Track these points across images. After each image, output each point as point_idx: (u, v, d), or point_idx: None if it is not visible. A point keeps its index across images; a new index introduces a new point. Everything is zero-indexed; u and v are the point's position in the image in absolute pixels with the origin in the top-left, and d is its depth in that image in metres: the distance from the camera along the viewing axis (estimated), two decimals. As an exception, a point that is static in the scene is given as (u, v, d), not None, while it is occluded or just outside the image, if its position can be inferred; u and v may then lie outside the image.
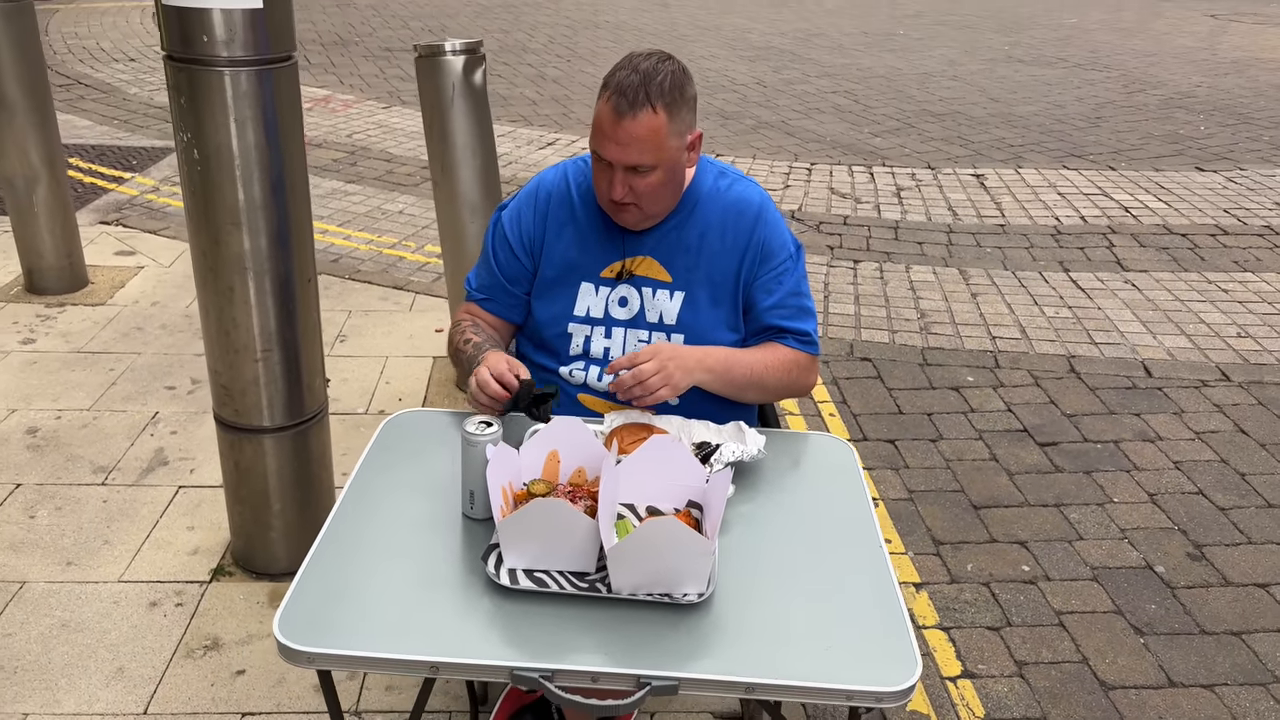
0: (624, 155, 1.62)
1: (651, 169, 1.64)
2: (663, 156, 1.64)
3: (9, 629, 2.27)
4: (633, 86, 1.59)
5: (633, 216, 1.72)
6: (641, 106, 1.59)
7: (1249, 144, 6.66)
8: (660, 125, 1.61)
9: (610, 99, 1.61)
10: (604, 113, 1.62)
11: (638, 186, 1.66)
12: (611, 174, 1.66)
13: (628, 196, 1.67)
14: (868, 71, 8.80)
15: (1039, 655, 2.37)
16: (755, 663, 1.29)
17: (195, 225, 2.13)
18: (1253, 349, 3.87)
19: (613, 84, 1.62)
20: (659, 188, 1.68)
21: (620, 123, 1.60)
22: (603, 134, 1.63)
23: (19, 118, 3.68)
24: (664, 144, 1.63)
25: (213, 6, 1.92)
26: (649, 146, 1.62)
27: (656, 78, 1.61)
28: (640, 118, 1.60)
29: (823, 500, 1.64)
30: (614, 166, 1.64)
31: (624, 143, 1.61)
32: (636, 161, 1.63)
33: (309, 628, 1.31)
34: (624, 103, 1.60)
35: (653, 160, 1.63)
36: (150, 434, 3.03)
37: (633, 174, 1.65)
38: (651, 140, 1.61)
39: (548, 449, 1.55)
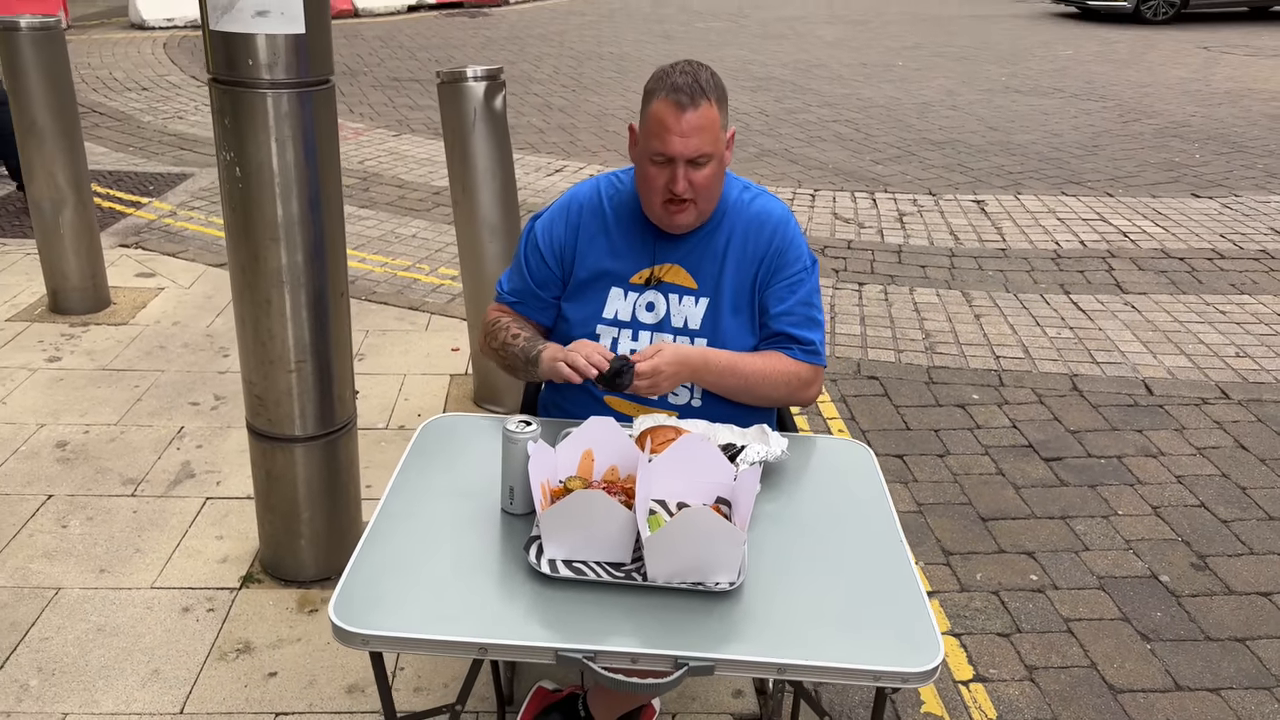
0: (687, 147, 1.74)
1: (709, 160, 1.76)
2: (718, 147, 1.77)
3: (46, 633, 2.33)
4: (688, 84, 1.73)
5: (689, 215, 1.82)
6: (700, 99, 1.73)
7: (1243, 171, 6.79)
8: (715, 117, 1.75)
9: (668, 97, 1.73)
10: (664, 111, 1.74)
11: (696, 180, 1.77)
12: (673, 170, 1.76)
13: (688, 191, 1.77)
14: (868, 101, 8.96)
15: (1048, 660, 2.43)
16: (786, 645, 1.36)
17: (235, 240, 2.21)
18: (1251, 368, 3.96)
19: (666, 86, 1.74)
20: (713, 180, 1.80)
21: (683, 115, 1.72)
22: (666, 130, 1.74)
23: (48, 143, 3.78)
24: (718, 135, 1.76)
25: (257, 32, 2.02)
26: (709, 137, 1.74)
27: (702, 75, 1.75)
28: (701, 109, 1.73)
29: (843, 498, 1.72)
30: (675, 162, 1.75)
31: (687, 134, 1.73)
32: (698, 152, 1.74)
33: (361, 612, 1.38)
34: (684, 97, 1.72)
35: (711, 150, 1.75)
36: (176, 448, 3.10)
37: (692, 168, 1.76)
38: (710, 130, 1.74)
39: (583, 448, 1.63)
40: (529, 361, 1.87)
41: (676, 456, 1.60)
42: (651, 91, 1.77)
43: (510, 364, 1.94)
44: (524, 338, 1.91)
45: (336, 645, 2.30)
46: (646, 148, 1.78)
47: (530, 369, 1.88)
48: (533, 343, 1.89)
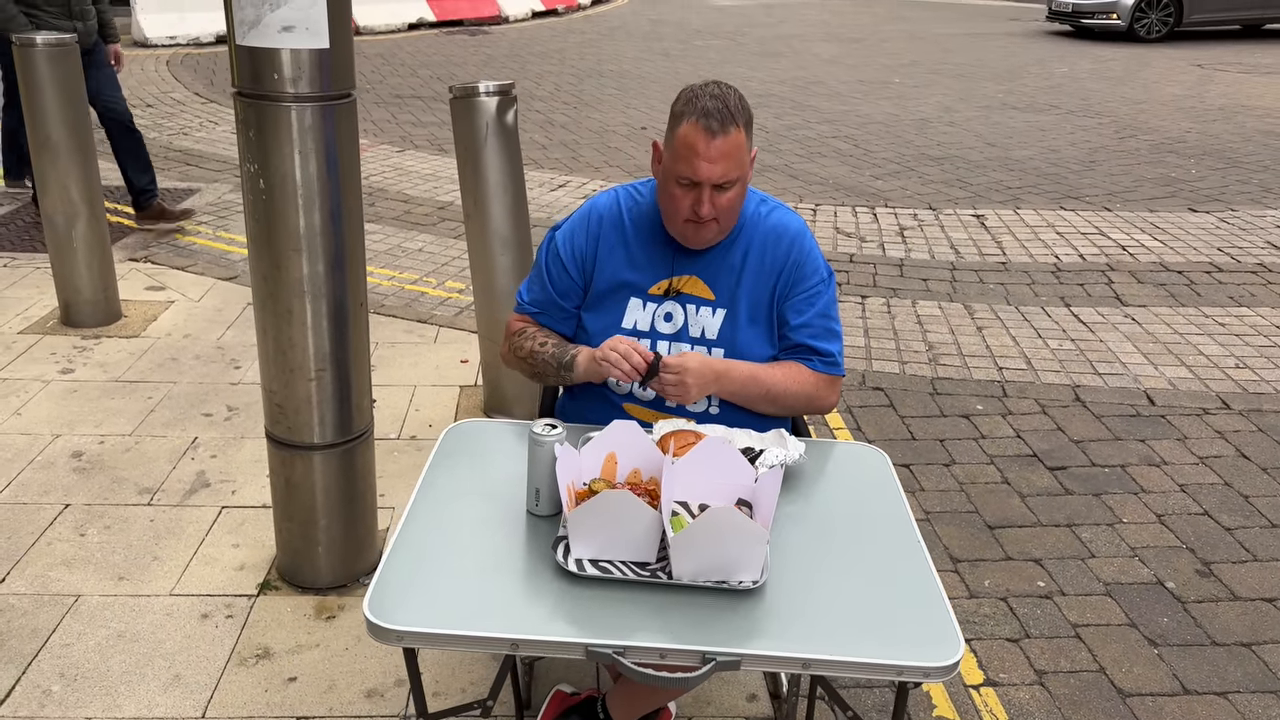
0: (714, 173, 1.77)
1: (734, 183, 1.80)
2: (743, 170, 1.81)
3: (67, 639, 2.35)
4: (718, 109, 1.75)
5: (710, 233, 1.86)
6: (729, 124, 1.76)
7: (1239, 186, 6.86)
8: (742, 141, 1.78)
9: (699, 122, 1.75)
10: (694, 136, 1.76)
11: (720, 203, 1.80)
12: (698, 193, 1.79)
13: (712, 213, 1.81)
14: (866, 118, 9.04)
15: (1058, 665, 2.47)
16: (810, 641, 1.39)
17: (258, 250, 2.25)
18: (1251, 379, 4.01)
19: (696, 110, 1.76)
20: (737, 201, 1.84)
21: (713, 142, 1.75)
22: (695, 155, 1.76)
23: (62, 157, 3.83)
24: (744, 159, 1.80)
25: (282, 47, 2.06)
26: (735, 162, 1.78)
27: (730, 99, 1.78)
28: (730, 135, 1.76)
29: (861, 499, 1.76)
30: (702, 186, 1.78)
31: (715, 160, 1.76)
32: (725, 177, 1.77)
33: (394, 610, 1.41)
34: (714, 123, 1.75)
35: (737, 174, 1.79)
36: (191, 458, 3.13)
37: (717, 191, 1.79)
38: (737, 155, 1.78)
39: (606, 451, 1.67)
40: (562, 366, 1.92)
41: (698, 459, 1.64)
42: (680, 114, 1.79)
43: (539, 370, 1.97)
44: (553, 344, 1.95)
45: (355, 651, 2.34)
46: (673, 170, 1.81)
47: (565, 373, 1.92)
48: (563, 348, 1.93)
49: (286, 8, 2.02)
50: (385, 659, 2.31)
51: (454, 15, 14.50)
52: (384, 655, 2.32)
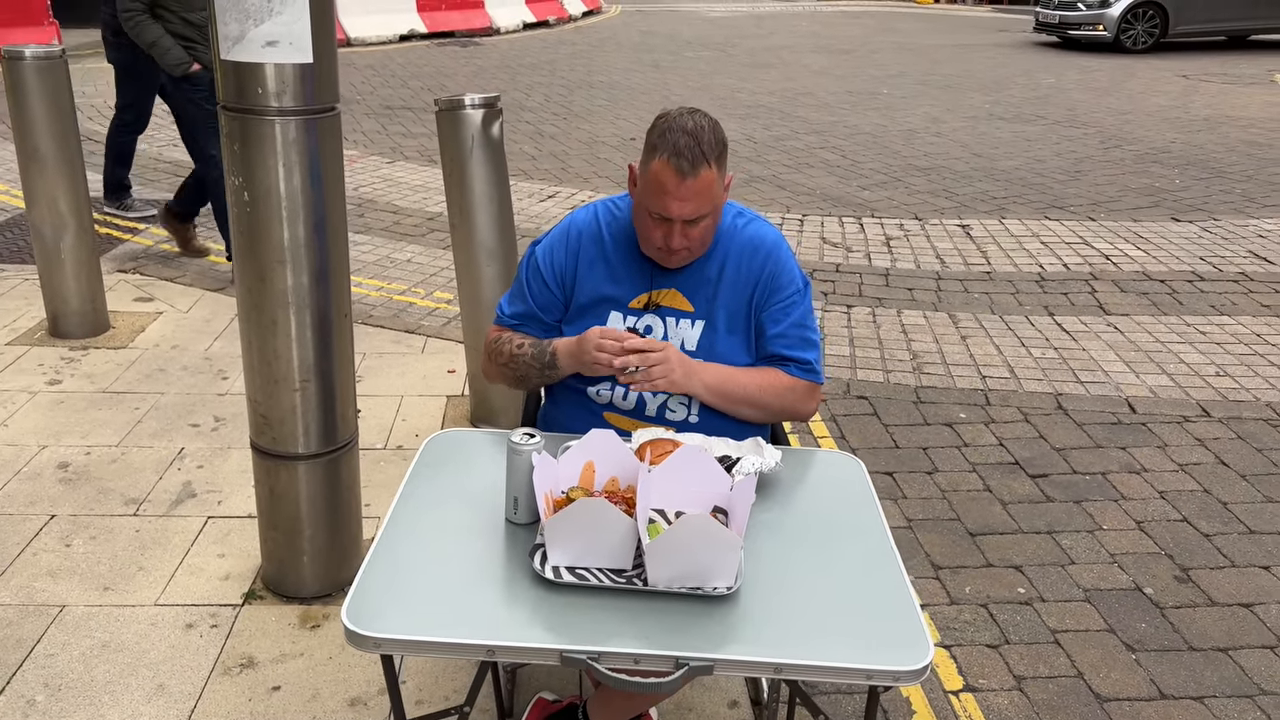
0: (685, 211, 1.79)
1: (705, 216, 1.83)
2: (715, 203, 1.84)
3: (51, 649, 2.36)
4: (690, 148, 1.76)
5: (681, 258, 1.90)
6: (700, 165, 1.76)
7: (1222, 196, 6.93)
8: (713, 178, 1.79)
9: (670, 161, 1.76)
10: (664, 175, 1.77)
11: (691, 234, 1.84)
12: (669, 228, 1.82)
13: (683, 244, 1.84)
14: (854, 129, 9.10)
15: (1036, 670, 2.49)
16: (783, 646, 1.42)
17: (242, 262, 2.28)
18: (1231, 387, 4.05)
19: (668, 147, 1.77)
20: (709, 230, 1.87)
21: (684, 182, 1.77)
22: (666, 194, 1.78)
23: (49, 169, 3.84)
24: (715, 194, 1.82)
25: (266, 61, 2.09)
26: (707, 199, 1.80)
27: (704, 135, 1.78)
28: (701, 175, 1.77)
29: (835, 506, 1.78)
30: (673, 222, 1.81)
31: (686, 199, 1.78)
32: (696, 214, 1.80)
33: (372, 617, 1.43)
34: (685, 164, 1.76)
35: (709, 209, 1.82)
36: (177, 468, 3.15)
37: (689, 225, 1.82)
38: (709, 193, 1.80)
39: (584, 459, 1.69)
40: (544, 365, 1.95)
41: (675, 467, 1.66)
42: (654, 147, 1.80)
43: (521, 373, 1.99)
44: (529, 344, 1.98)
45: (339, 660, 2.35)
46: (645, 202, 1.83)
47: (549, 371, 1.95)
48: (540, 346, 1.96)
49: (270, 23, 2.05)
50: (369, 667, 2.33)
51: (445, 26, 14.56)
52: (368, 664, 2.33)
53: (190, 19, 4.41)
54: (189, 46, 4.44)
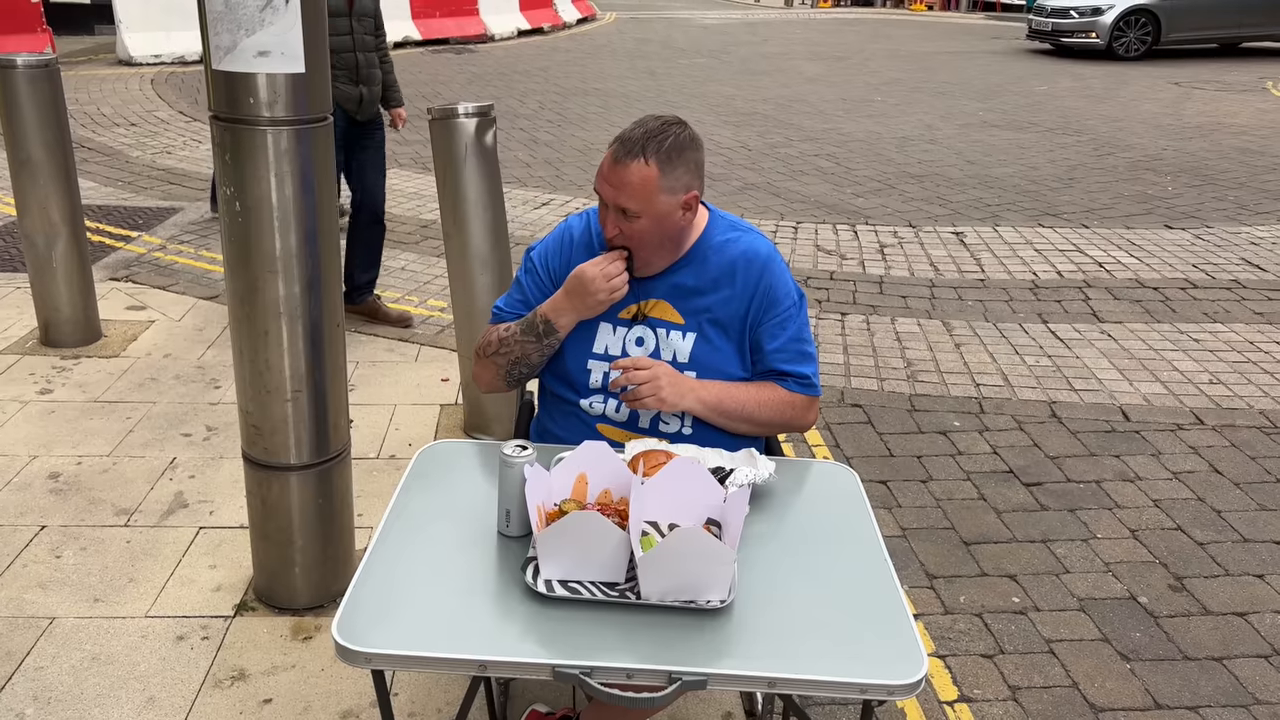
0: (614, 196, 1.83)
1: (638, 216, 1.83)
2: (649, 207, 1.82)
3: (41, 662, 2.34)
4: (634, 139, 1.81)
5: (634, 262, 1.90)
6: (635, 157, 1.80)
7: (1214, 203, 6.95)
8: (650, 177, 1.80)
9: (613, 144, 1.84)
10: (606, 157, 1.85)
11: (626, 230, 1.85)
12: (607, 212, 1.87)
13: (618, 238, 1.86)
14: (848, 136, 9.12)
15: (1031, 680, 2.48)
16: (776, 660, 1.41)
17: (234, 272, 2.26)
18: (1224, 394, 4.05)
19: (621, 134, 1.85)
20: (646, 235, 1.86)
21: (614, 166, 1.82)
22: (601, 174, 1.86)
23: (41, 177, 3.83)
24: (652, 196, 1.81)
25: (258, 71, 2.08)
26: (635, 193, 1.81)
27: (658, 136, 1.81)
28: (631, 166, 1.80)
29: (829, 518, 1.78)
30: (608, 206, 1.86)
31: (615, 185, 1.82)
32: (624, 204, 1.82)
33: (363, 632, 1.42)
34: (621, 150, 1.81)
35: (638, 208, 1.82)
36: (169, 478, 3.13)
37: (622, 216, 1.84)
38: (640, 188, 1.80)
39: (577, 471, 1.68)
40: (541, 334, 1.94)
41: (668, 479, 1.65)
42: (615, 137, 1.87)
43: (515, 355, 1.97)
44: (514, 324, 1.98)
45: (331, 672, 2.34)
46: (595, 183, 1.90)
47: (547, 339, 1.94)
48: (528, 320, 1.96)
49: (262, 33, 2.04)
50: (361, 680, 2.31)
51: (440, 34, 14.57)
52: (360, 676, 2.32)
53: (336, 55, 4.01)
54: None
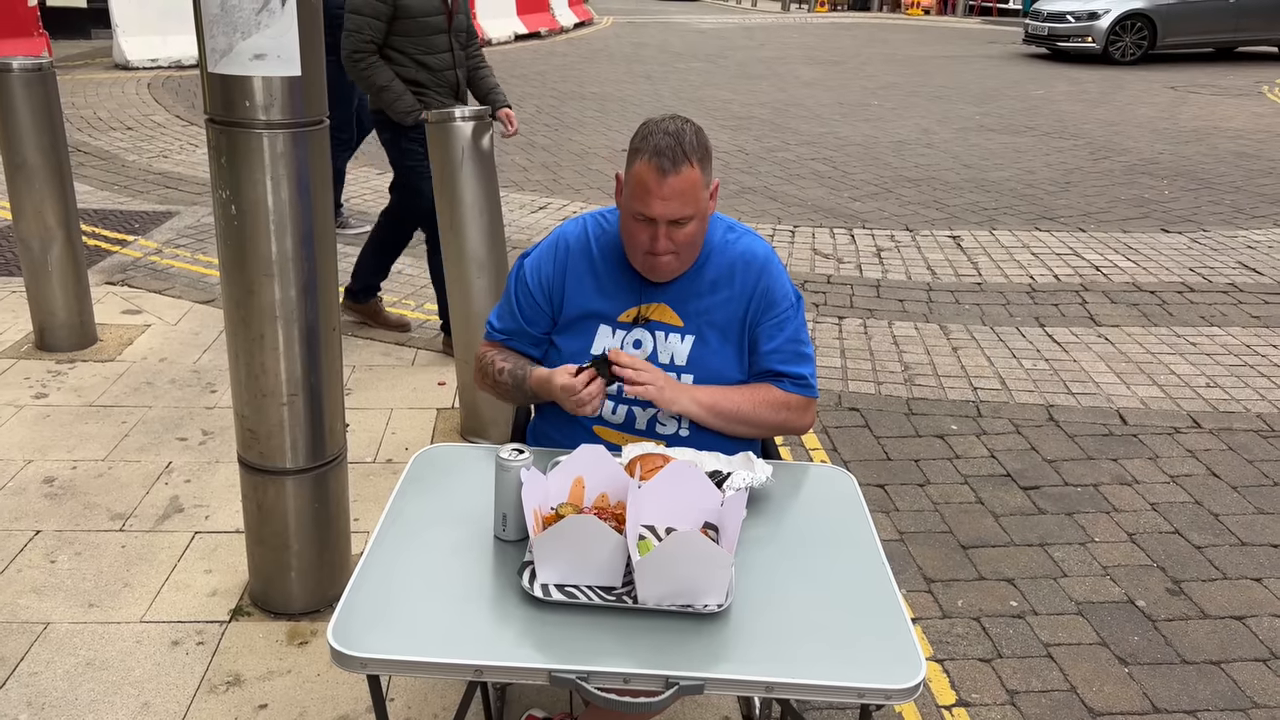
0: (668, 210, 1.79)
1: (690, 219, 1.82)
2: (699, 207, 1.82)
3: (35, 668, 2.33)
4: (670, 147, 1.77)
5: (669, 267, 1.88)
6: (681, 163, 1.77)
7: (1211, 207, 6.96)
8: (696, 178, 1.79)
9: (651, 160, 1.78)
10: (647, 174, 1.78)
11: (677, 238, 1.83)
12: (654, 230, 1.82)
13: (670, 248, 1.83)
14: (845, 140, 9.13)
15: (1029, 684, 2.48)
16: (773, 664, 1.40)
17: (229, 276, 2.26)
18: (1221, 398, 4.05)
19: (649, 148, 1.78)
20: (695, 236, 1.86)
21: (665, 180, 1.77)
22: (648, 193, 1.79)
23: (37, 181, 3.82)
24: (699, 195, 1.81)
25: (254, 74, 2.08)
26: (689, 199, 1.79)
27: (686, 136, 1.79)
28: (682, 173, 1.77)
29: (828, 522, 1.77)
30: (657, 223, 1.81)
31: (669, 198, 1.78)
32: (679, 215, 1.80)
33: (359, 637, 1.41)
34: (666, 162, 1.77)
35: (692, 211, 1.81)
36: (165, 483, 3.12)
37: (674, 227, 1.81)
38: (691, 193, 1.79)
39: (574, 475, 1.68)
40: (523, 392, 1.98)
41: (665, 483, 1.65)
42: (637, 150, 1.81)
43: (506, 394, 2.03)
44: (508, 371, 1.99)
45: (327, 677, 2.33)
46: (630, 206, 1.84)
47: (531, 398, 1.99)
48: (519, 372, 1.98)
49: (258, 36, 2.04)
50: (357, 685, 2.30)
51: (436, 38, 14.56)
52: (356, 681, 2.31)
53: (426, 62, 3.86)
54: (420, 93, 3.86)
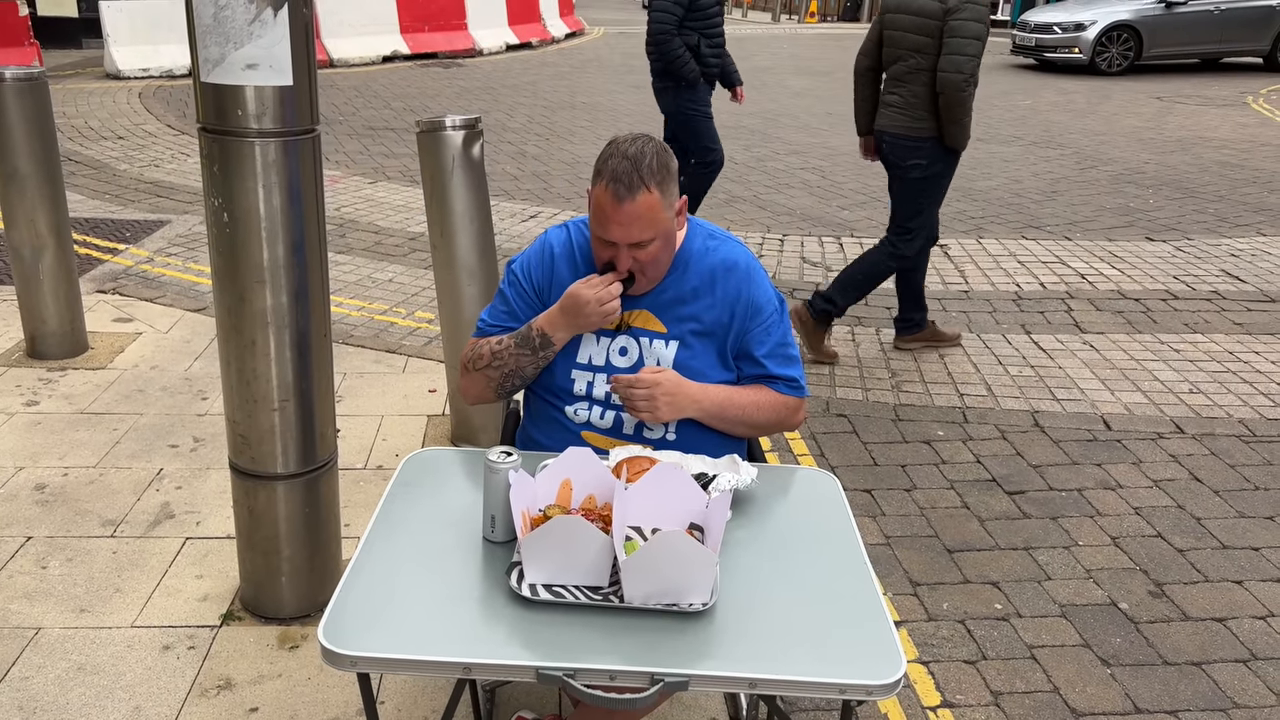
0: (627, 235, 1.83)
1: (651, 240, 1.85)
2: (659, 228, 1.85)
3: (26, 672, 2.34)
4: (626, 172, 1.79)
5: (638, 285, 1.92)
6: (638, 189, 1.80)
7: (1195, 216, 7.03)
8: (655, 202, 1.82)
9: (608, 186, 1.80)
10: (604, 199, 1.81)
11: (641, 258, 1.86)
12: (616, 251, 1.85)
13: (633, 268, 1.87)
14: (834, 149, 9.19)
15: (1013, 686, 2.51)
16: (757, 661, 1.43)
17: (222, 283, 2.28)
18: (1204, 404, 4.10)
19: (607, 172, 1.81)
20: (659, 254, 1.89)
21: (621, 206, 1.80)
22: (605, 218, 1.82)
23: (29, 190, 3.84)
24: (659, 217, 1.84)
25: (246, 84, 2.11)
26: (648, 223, 1.82)
27: (645, 160, 1.81)
28: (639, 199, 1.80)
29: (811, 523, 1.80)
30: (618, 246, 1.84)
31: (626, 223, 1.81)
32: (639, 238, 1.83)
33: (349, 636, 1.43)
34: (621, 188, 1.79)
35: (652, 233, 1.84)
36: (156, 489, 3.13)
37: (636, 248, 1.85)
38: (649, 216, 1.82)
39: (561, 477, 1.70)
40: (536, 347, 1.94)
41: (651, 484, 1.67)
42: (598, 173, 1.84)
43: (509, 368, 1.98)
44: (507, 337, 1.98)
45: (317, 681, 2.35)
46: (592, 227, 1.88)
47: (543, 351, 1.94)
48: (522, 333, 1.96)
49: (250, 46, 2.07)
50: (347, 688, 2.32)
51: (428, 48, 14.62)
52: (346, 684, 2.33)
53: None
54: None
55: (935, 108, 3.99)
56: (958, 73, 3.84)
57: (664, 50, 5.24)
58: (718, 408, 1.96)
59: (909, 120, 4.08)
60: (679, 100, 5.47)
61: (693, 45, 5.27)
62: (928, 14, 3.92)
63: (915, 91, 4.03)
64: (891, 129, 4.17)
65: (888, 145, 4.24)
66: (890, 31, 4.12)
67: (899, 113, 4.12)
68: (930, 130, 4.05)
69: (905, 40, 4.03)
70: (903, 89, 4.09)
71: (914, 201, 4.23)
